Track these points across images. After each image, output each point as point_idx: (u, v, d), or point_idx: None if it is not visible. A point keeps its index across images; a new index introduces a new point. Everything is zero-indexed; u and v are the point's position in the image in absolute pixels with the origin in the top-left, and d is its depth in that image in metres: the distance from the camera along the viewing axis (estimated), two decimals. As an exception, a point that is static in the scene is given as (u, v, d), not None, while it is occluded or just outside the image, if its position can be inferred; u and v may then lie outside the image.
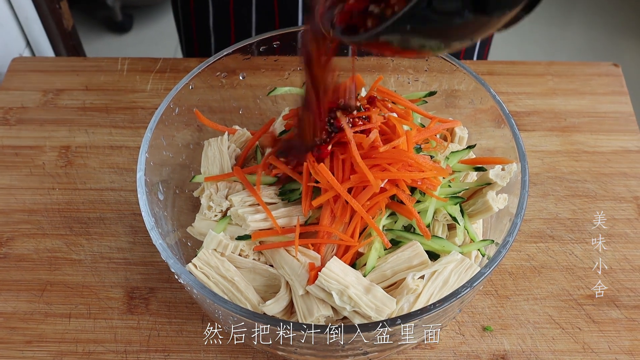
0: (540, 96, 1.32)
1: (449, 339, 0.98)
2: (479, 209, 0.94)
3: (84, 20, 3.38)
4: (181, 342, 0.98)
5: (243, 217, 0.91)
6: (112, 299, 1.03)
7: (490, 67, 1.37)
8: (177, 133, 1.03)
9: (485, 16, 0.61)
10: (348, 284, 0.83)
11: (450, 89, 1.08)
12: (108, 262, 1.07)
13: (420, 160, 0.88)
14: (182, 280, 0.83)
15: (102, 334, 0.99)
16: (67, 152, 1.22)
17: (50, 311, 1.02)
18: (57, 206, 1.14)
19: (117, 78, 1.35)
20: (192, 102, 1.05)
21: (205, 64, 1.04)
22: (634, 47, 3.25)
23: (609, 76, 1.35)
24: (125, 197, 1.15)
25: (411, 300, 0.84)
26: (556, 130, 1.26)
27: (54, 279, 1.05)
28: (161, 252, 0.83)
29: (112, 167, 1.20)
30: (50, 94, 1.32)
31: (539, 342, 0.98)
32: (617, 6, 3.45)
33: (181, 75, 1.28)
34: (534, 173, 1.18)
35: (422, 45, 0.66)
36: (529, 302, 1.02)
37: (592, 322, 1.00)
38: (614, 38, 3.30)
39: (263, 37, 1.06)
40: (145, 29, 3.43)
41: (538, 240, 1.10)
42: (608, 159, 1.21)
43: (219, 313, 0.84)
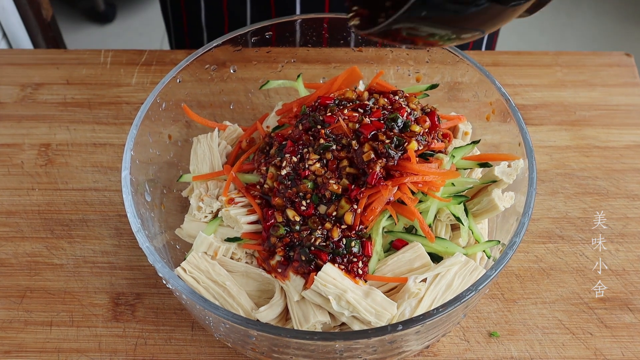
0: (548, 88, 1.32)
1: (453, 345, 0.99)
2: (484, 207, 0.95)
3: (64, 10, 3.37)
4: (170, 350, 0.98)
5: (235, 218, 0.91)
6: (96, 305, 1.03)
7: (495, 58, 1.37)
8: (164, 129, 1.03)
9: (500, 5, 0.61)
10: (346, 288, 0.83)
11: (453, 82, 1.08)
12: (92, 267, 1.07)
13: (425, 170, 0.88)
14: (170, 286, 0.83)
15: (85, 343, 0.99)
16: (47, 150, 1.22)
17: (30, 319, 1.01)
18: (36, 207, 1.14)
19: (100, 71, 1.34)
20: (179, 96, 1.05)
21: (194, 56, 1.04)
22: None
23: (621, 66, 1.36)
24: (109, 197, 1.15)
25: (413, 305, 0.84)
26: (565, 124, 1.26)
27: (34, 285, 1.05)
28: (148, 256, 0.83)
29: (95, 165, 1.19)
30: (29, 89, 1.32)
31: (548, 348, 0.98)
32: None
33: (168, 68, 1.28)
34: (542, 170, 1.19)
35: (433, 34, 0.67)
36: (537, 306, 1.02)
37: (604, 327, 1.00)
38: (626, 26, 3.31)
39: (255, 27, 1.06)
40: (129, 19, 3.43)
41: (547, 241, 1.10)
42: (620, 154, 1.21)
43: (209, 320, 0.84)
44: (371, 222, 0.89)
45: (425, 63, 1.10)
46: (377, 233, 0.90)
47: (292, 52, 1.14)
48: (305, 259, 0.86)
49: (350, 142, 0.89)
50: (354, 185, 0.88)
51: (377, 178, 0.86)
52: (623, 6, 3.40)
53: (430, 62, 1.10)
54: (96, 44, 3.28)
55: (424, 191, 0.90)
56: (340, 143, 0.90)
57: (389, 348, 0.83)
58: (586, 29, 3.30)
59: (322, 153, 0.90)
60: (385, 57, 1.13)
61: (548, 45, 3.21)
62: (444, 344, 0.99)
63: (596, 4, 3.42)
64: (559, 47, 3.19)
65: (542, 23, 3.31)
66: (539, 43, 3.23)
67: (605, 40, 3.24)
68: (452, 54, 1.04)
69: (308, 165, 0.89)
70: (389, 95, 0.97)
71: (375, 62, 1.14)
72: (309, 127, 0.93)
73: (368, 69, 1.13)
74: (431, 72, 1.11)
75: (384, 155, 0.87)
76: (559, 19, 3.35)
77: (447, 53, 1.04)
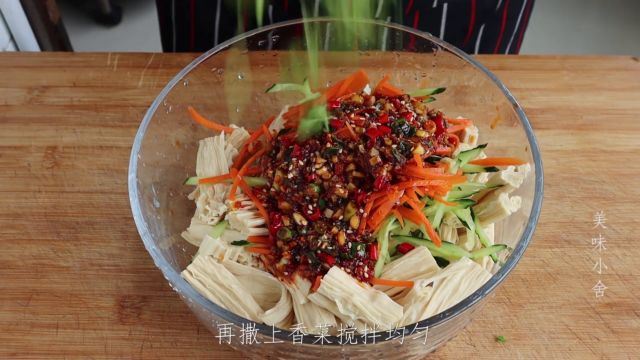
0: (555, 92, 1.32)
1: (459, 349, 0.99)
2: (490, 212, 0.95)
3: (71, 12, 3.38)
4: (175, 353, 0.98)
5: (242, 222, 0.91)
6: (102, 308, 1.03)
7: (501, 62, 1.37)
8: (170, 132, 1.04)
9: None
10: (352, 292, 0.83)
11: (460, 85, 1.08)
12: (98, 269, 1.07)
13: (431, 174, 0.88)
14: (176, 289, 0.83)
15: (91, 346, 0.99)
16: (53, 152, 1.22)
17: (36, 321, 1.02)
18: (43, 210, 1.14)
19: (107, 74, 1.35)
20: (186, 99, 1.05)
21: (200, 59, 1.04)
22: (654, 39, 3.25)
23: (628, 70, 1.36)
24: (115, 200, 1.16)
25: (419, 309, 0.84)
26: (572, 128, 1.26)
27: (40, 287, 1.05)
28: (154, 259, 0.83)
29: (102, 168, 1.20)
30: (36, 91, 1.32)
31: (554, 353, 0.98)
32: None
33: (174, 71, 1.29)
34: (549, 174, 1.18)
35: None
36: (544, 311, 1.02)
37: (611, 332, 1.00)
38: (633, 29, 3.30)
39: (261, 30, 1.07)
40: (136, 22, 3.44)
41: (553, 245, 1.10)
42: (627, 158, 1.21)
43: (215, 323, 0.84)
44: (377, 226, 0.89)
45: (432, 67, 1.10)
46: (383, 237, 0.90)
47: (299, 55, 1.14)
48: (311, 263, 0.87)
49: (357, 146, 0.89)
50: (360, 189, 0.88)
51: (383, 182, 0.86)
52: (630, 10, 3.40)
53: (437, 66, 1.10)
54: (102, 46, 3.29)
55: (431, 195, 0.90)
56: (347, 147, 0.90)
57: (395, 352, 0.83)
58: (593, 33, 3.30)
59: (329, 157, 0.90)
60: (392, 61, 1.13)
61: (555, 49, 3.21)
62: (450, 348, 0.98)
63: (603, 7, 3.41)
64: (566, 51, 3.19)
65: (548, 26, 3.30)
66: (545, 47, 3.23)
67: (612, 44, 3.24)
68: (458, 58, 1.04)
69: (315, 169, 0.89)
70: (395, 100, 0.98)
71: (382, 66, 1.14)
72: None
73: (374, 72, 1.13)
74: (438, 75, 1.11)
75: (390, 159, 0.87)
76: (566, 22, 3.35)
77: (454, 57, 1.04)
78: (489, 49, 1.52)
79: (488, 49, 1.52)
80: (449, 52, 1.05)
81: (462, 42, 1.47)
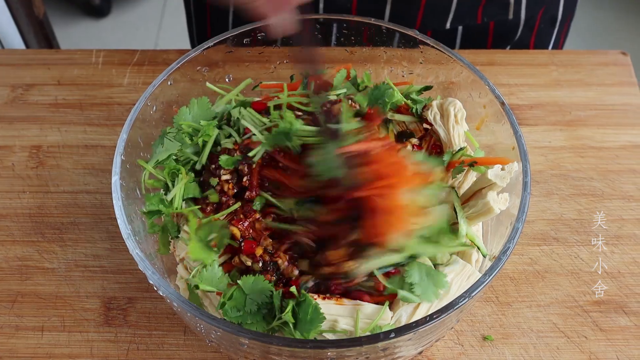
0: (544, 88, 1.31)
1: (447, 349, 0.98)
2: (479, 210, 0.93)
3: (59, 4, 3.35)
4: (162, 355, 0.98)
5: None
6: (88, 310, 1.02)
7: (490, 57, 1.36)
8: (156, 132, 1.02)
9: None
10: (335, 317, 0.82)
11: (447, 82, 1.07)
12: (83, 271, 1.06)
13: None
14: (161, 292, 0.82)
15: (77, 348, 0.98)
16: (38, 152, 1.21)
17: (21, 324, 1.01)
18: (27, 210, 1.13)
19: (92, 72, 1.33)
20: (171, 97, 1.04)
21: (185, 57, 1.03)
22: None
23: (617, 65, 1.35)
24: (101, 200, 1.14)
25: (409, 312, 0.84)
26: (560, 124, 1.25)
27: (25, 290, 1.04)
28: (138, 263, 0.82)
29: (87, 167, 1.19)
30: (20, 90, 1.30)
31: (542, 352, 0.98)
32: (625, -12, 3.45)
33: (160, 68, 1.27)
34: (537, 171, 1.18)
35: None
36: (532, 309, 1.02)
37: (599, 330, 1.00)
38: (622, 23, 3.30)
39: (246, 28, 1.05)
40: (125, 14, 3.41)
41: (541, 243, 1.09)
42: (616, 154, 1.20)
43: (201, 327, 0.83)
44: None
45: (419, 64, 1.09)
46: None
47: (285, 52, 1.13)
48: None
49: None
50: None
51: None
52: (618, 3, 3.39)
53: (424, 63, 1.09)
54: (90, 38, 3.26)
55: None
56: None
57: (382, 355, 0.83)
58: (582, 27, 3.28)
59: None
60: (379, 58, 1.12)
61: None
62: (438, 347, 0.98)
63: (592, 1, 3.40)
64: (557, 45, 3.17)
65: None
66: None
67: (602, 39, 3.23)
68: (445, 55, 1.03)
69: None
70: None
71: (369, 62, 1.13)
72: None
73: (362, 68, 1.12)
74: (425, 72, 1.10)
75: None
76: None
77: (441, 54, 1.03)
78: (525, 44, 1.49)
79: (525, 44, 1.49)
80: (435, 49, 1.04)
81: None
